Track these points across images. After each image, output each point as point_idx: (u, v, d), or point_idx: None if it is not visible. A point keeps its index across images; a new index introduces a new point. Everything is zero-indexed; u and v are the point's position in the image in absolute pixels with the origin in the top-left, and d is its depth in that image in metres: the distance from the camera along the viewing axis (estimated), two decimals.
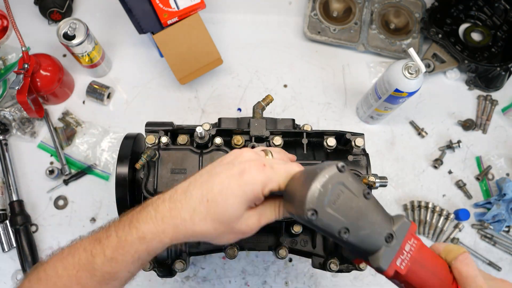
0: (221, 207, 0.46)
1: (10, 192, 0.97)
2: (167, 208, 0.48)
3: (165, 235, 0.47)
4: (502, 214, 1.00)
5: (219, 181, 0.47)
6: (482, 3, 1.18)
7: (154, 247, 0.48)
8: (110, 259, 0.47)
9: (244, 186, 0.46)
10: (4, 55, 1.07)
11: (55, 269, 0.48)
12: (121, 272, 0.48)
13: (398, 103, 0.96)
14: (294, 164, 0.51)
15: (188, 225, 0.47)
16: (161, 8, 0.95)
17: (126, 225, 0.48)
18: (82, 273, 0.48)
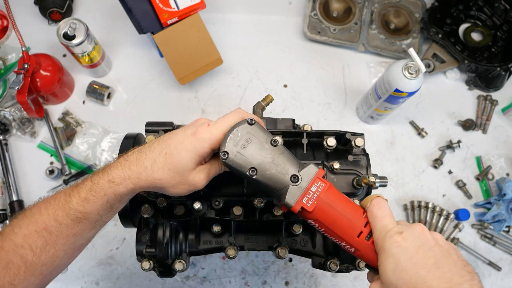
0: (176, 159, 0.55)
1: (10, 192, 0.97)
2: (134, 157, 0.56)
3: (130, 180, 0.55)
4: (502, 214, 1.00)
5: (175, 139, 0.57)
6: (482, 3, 1.18)
7: (121, 191, 0.55)
8: (83, 199, 0.55)
9: (195, 143, 0.55)
10: (4, 55, 1.07)
11: (39, 209, 0.56)
12: (92, 213, 0.55)
13: (398, 103, 0.96)
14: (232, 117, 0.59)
15: (149, 173, 0.55)
16: (161, 8, 0.95)
17: (100, 171, 0.57)
18: (59, 212, 0.55)
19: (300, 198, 0.54)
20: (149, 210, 0.70)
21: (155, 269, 0.73)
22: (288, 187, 0.55)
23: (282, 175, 0.55)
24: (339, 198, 0.56)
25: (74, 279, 0.95)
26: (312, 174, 0.55)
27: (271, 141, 0.57)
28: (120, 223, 0.74)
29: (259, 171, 0.55)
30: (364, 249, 0.54)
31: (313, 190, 0.55)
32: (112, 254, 0.98)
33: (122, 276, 0.96)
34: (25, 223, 0.55)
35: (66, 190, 0.57)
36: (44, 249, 0.54)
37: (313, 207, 0.54)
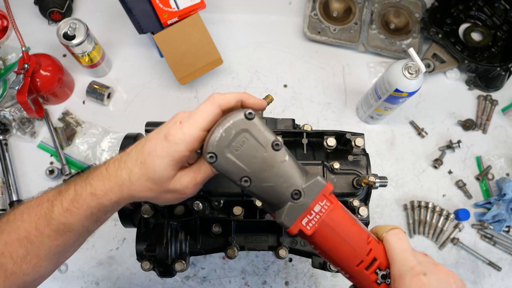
0: (150, 169, 0.48)
1: (10, 192, 0.97)
2: (114, 167, 0.51)
3: (113, 193, 0.50)
4: (502, 214, 1.00)
5: (149, 145, 0.49)
6: (482, 3, 1.18)
7: (105, 204, 0.51)
8: (66, 210, 0.51)
9: (168, 148, 0.47)
10: (4, 55, 1.07)
11: (21, 214, 0.53)
12: (75, 224, 0.51)
13: (398, 103, 0.96)
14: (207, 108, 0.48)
15: (128, 185, 0.50)
16: (161, 8, 0.95)
17: (83, 180, 0.52)
18: (41, 220, 0.51)
19: (299, 219, 0.45)
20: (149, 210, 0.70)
21: (155, 269, 0.73)
22: (287, 204, 0.45)
23: (282, 189, 0.45)
24: (344, 221, 0.48)
25: (74, 279, 0.95)
26: (317, 191, 0.46)
27: (273, 144, 0.45)
28: (120, 223, 0.74)
29: (254, 181, 0.45)
30: (360, 278, 0.48)
31: (316, 210, 0.46)
32: (112, 254, 0.98)
33: (122, 276, 0.96)
34: (7, 229, 0.52)
35: (50, 195, 0.53)
36: (25, 258, 0.51)
37: (313, 230, 0.46)
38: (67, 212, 0.51)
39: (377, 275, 0.48)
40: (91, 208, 0.51)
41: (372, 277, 0.48)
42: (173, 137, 0.47)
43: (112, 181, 0.50)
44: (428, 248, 1.02)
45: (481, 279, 1.00)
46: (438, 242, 1.02)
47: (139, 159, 0.49)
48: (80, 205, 0.51)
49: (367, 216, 0.71)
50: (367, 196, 0.74)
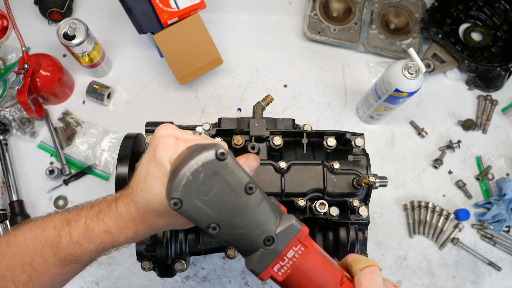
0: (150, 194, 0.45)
1: (10, 192, 0.97)
2: (124, 203, 0.49)
3: (128, 229, 0.49)
4: (502, 214, 1.00)
5: (144, 168, 0.47)
6: (482, 3, 1.18)
7: (121, 241, 0.49)
8: (75, 243, 0.49)
9: (160, 166, 0.44)
10: (4, 55, 1.07)
11: (24, 238, 0.51)
12: (83, 257, 0.50)
13: (398, 103, 0.96)
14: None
15: (140, 219, 0.48)
16: (161, 8, 0.95)
17: (95, 215, 0.50)
18: (47, 249, 0.50)
19: (270, 265, 0.43)
20: None
21: (155, 269, 0.73)
22: (259, 250, 0.43)
23: (254, 236, 0.42)
24: (318, 264, 0.45)
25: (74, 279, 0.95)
26: (291, 236, 0.43)
27: (246, 187, 0.40)
28: None
29: (223, 228, 0.41)
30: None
31: (289, 256, 0.43)
32: (112, 254, 0.97)
33: (122, 276, 0.96)
34: (9, 253, 0.50)
35: (56, 222, 0.51)
36: (27, 284, 0.50)
37: (285, 276, 0.43)
38: (76, 245, 0.49)
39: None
40: (104, 244, 0.50)
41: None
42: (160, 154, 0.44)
43: (125, 218, 0.48)
44: (428, 248, 1.02)
45: (481, 279, 1.00)
46: (438, 242, 1.02)
47: (139, 188, 0.47)
48: (91, 240, 0.49)
49: (367, 216, 0.71)
50: (367, 196, 0.74)
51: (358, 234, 0.74)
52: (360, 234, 0.75)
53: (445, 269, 1.00)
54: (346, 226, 0.74)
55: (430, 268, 1.00)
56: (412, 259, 1.01)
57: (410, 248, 1.02)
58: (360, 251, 0.75)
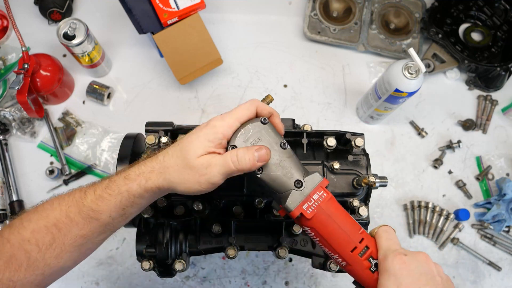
0: (184, 145, 0.54)
1: (10, 192, 0.98)
2: (152, 156, 0.56)
3: (143, 175, 0.54)
4: (502, 214, 1.00)
5: (190, 134, 0.56)
6: (482, 3, 1.18)
7: (134, 189, 0.53)
8: (98, 196, 0.54)
9: (206, 130, 0.54)
10: (4, 55, 1.07)
11: (51, 204, 0.55)
12: (104, 213, 0.54)
13: (398, 103, 0.96)
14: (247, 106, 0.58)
15: (160, 164, 0.54)
16: (161, 8, 0.95)
17: (119, 172, 0.56)
18: (72, 208, 0.54)
19: (300, 204, 0.54)
20: (149, 210, 0.70)
21: (155, 269, 0.73)
22: (291, 191, 0.54)
23: (286, 178, 0.55)
24: (339, 210, 0.55)
25: (74, 279, 0.95)
26: (316, 182, 0.55)
27: (281, 143, 0.56)
28: None
29: (265, 170, 0.55)
30: (356, 265, 0.54)
31: (314, 198, 0.54)
32: (112, 254, 0.98)
33: (122, 276, 0.96)
34: (35, 217, 0.54)
35: (83, 187, 0.56)
36: (50, 246, 0.53)
37: (312, 215, 0.54)
38: (99, 198, 0.54)
39: (370, 263, 0.53)
40: (121, 194, 0.53)
41: (366, 264, 0.53)
42: (212, 122, 0.55)
43: (147, 165, 0.54)
44: (428, 248, 1.02)
45: (481, 279, 1.00)
46: (438, 242, 1.02)
47: (177, 143, 0.55)
48: (112, 191, 0.54)
49: (367, 216, 0.71)
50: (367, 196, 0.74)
51: None
52: None
53: (445, 269, 0.99)
54: None
55: None
56: None
57: (410, 248, 1.02)
58: None
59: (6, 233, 0.54)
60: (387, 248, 0.52)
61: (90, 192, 0.55)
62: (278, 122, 0.60)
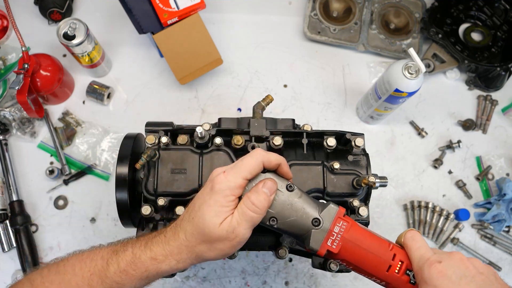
0: (200, 219, 0.53)
1: (10, 192, 0.97)
2: (172, 232, 0.55)
3: (172, 256, 0.53)
4: (502, 214, 1.00)
5: (198, 200, 0.55)
6: (482, 3, 1.18)
7: (163, 269, 0.53)
8: (122, 270, 0.53)
9: (215, 196, 0.53)
10: (4, 55, 1.07)
11: (73, 267, 0.55)
12: (128, 285, 0.54)
13: (398, 103, 0.96)
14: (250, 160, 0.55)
15: (185, 244, 0.53)
16: (161, 8, 0.95)
17: (142, 245, 0.55)
18: (94, 277, 0.53)
19: (324, 241, 0.53)
20: (149, 210, 0.70)
21: None
22: (310, 231, 0.54)
23: (303, 220, 0.54)
24: (363, 234, 0.55)
25: None
26: (333, 215, 0.54)
27: (287, 186, 0.56)
28: (120, 223, 0.74)
29: (279, 219, 0.55)
30: (395, 282, 0.53)
31: (336, 231, 0.54)
32: None
33: None
34: (57, 280, 0.54)
35: (103, 253, 0.56)
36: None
37: (339, 248, 0.53)
38: (123, 272, 0.53)
39: (408, 276, 0.53)
40: (148, 272, 0.53)
41: (404, 278, 0.53)
42: (219, 185, 0.53)
43: (171, 245, 0.54)
44: None
45: None
46: (438, 242, 1.02)
47: (191, 216, 0.54)
48: (137, 268, 0.53)
49: (367, 216, 0.71)
50: (367, 196, 0.74)
51: None
52: None
53: None
54: None
55: None
56: None
57: None
58: None
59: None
60: (419, 259, 0.52)
61: (113, 263, 0.54)
62: (286, 171, 0.58)
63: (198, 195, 0.56)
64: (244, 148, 0.74)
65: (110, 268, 0.54)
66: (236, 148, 0.74)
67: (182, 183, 0.70)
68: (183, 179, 0.70)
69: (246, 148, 0.74)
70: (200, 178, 0.70)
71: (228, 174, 0.54)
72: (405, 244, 0.54)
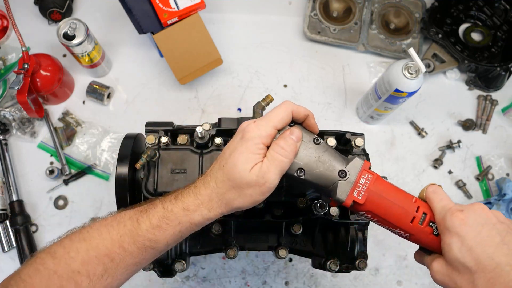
0: (230, 165, 0.53)
1: (10, 192, 0.97)
2: (202, 182, 0.55)
3: (204, 205, 0.53)
4: None
5: (229, 149, 0.55)
6: (482, 3, 1.18)
7: (196, 219, 0.53)
8: (155, 226, 0.53)
9: (245, 144, 0.53)
10: (4, 55, 1.07)
11: (99, 232, 0.53)
12: (160, 241, 0.53)
13: (398, 103, 0.96)
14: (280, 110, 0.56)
15: (216, 191, 0.53)
16: (161, 8, 0.95)
17: (172, 198, 0.55)
18: (125, 238, 0.52)
19: (350, 192, 0.54)
20: None
21: (155, 269, 0.73)
22: (337, 183, 0.55)
23: (329, 172, 0.55)
24: (388, 187, 0.56)
25: None
26: (358, 167, 0.56)
27: (314, 140, 0.57)
28: None
29: (307, 171, 0.56)
30: (419, 233, 0.54)
31: (361, 182, 0.55)
32: None
33: None
34: (84, 248, 0.52)
35: (131, 214, 0.54)
36: (102, 277, 0.52)
37: (364, 199, 0.54)
38: (156, 228, 0.53)
39: (432, 228, 0.54)
40: (181, 225, 0.53)
41: (428, 229, 0.54)
42: (249, 134, 0.54)
43: (202, 194, 0.54)
44: None
45: None
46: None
47: (221, 164, 0.54)
48: (170, 221, 0.53)
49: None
50: None
51: (358, 234, 0.74)
52: (360, 234, 0.75)
53: None
54: (346, 226, 0.74)
55: None
56: (412, 259, 1.00)
57: (410, 248, 1.01)
58: (360, 251, 0.75)
59: (51, 265, 0.51)
60: (442, 209, 0.53)
61: (144, 221, 0.53)
62: (313, 123, 0.59)
63: (228, 145, 0.56)
64: None
65: (142, 225, 0.53)
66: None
67: (182, 183, 0.70)
68: (183, 179, 0.70)
69: None
70: None
71: (258, 123, 0.55)
72: (428, 198, 0.56)
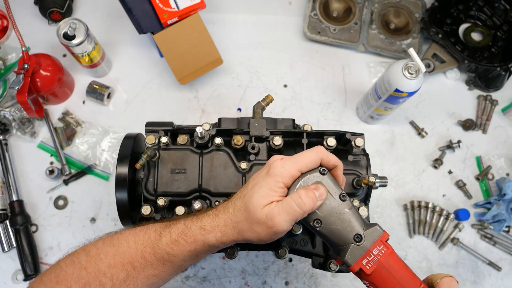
0: (249, 197, 0.54)
1: (10, 192, 0.97)
2: (223, 207, 0.57)
3: (218, 228, 0.55)
4: (502, 214, 0.99)
5: (253, 181, 0.57)
6: (482, 3, 1.18)
7: (210, 240, 0.55)
8: (174, 241, 0.56)
9: (267, 179, 0.54)
10: (4, 55, 1.07)
11: (127, 240, 0.57)
12: (177, 256, 0.56)
13: (398, 103, 0.96)
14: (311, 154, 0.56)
15: (232, 218, 0.55)
16: (161, 8, 0.95)
17: (194, 217, 0.58)
18: (147, 249, 0.56)
19: (360, 259, 0.53)
20: (149, 210, 0.70)
21: None
22: (350, 245, 0.53)
23: (346, 232, 0.54)
24: (399, 265, 0.54)
25: None
26: (376, 236, 0.54)
27: (340, 195, 0.55)
28: (120, 223, 0.74)
29: (324, 223, 0.54)
30: None
31: (374, 253, 0.53)
32: None
33: None
34: (112, 252, 0.56)
35: (157, 227, 0.58)
36: (124, 283, 0.55)
37: (372, 270, 0.53)
38: (174, 243, 0.56)
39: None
40: (196, 243, 0.55)
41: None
42: (274, 170, 0.54)
43: (220, 217, 0.56)
44: (428, 248, 1.02)
45: (481, 279, 1.00)
46: (438, 242, 1.02)
47: (243, 193, 0.56)
48: (188, 238, 0.55)
49: (367, 216, 0.71)
50: (367, 196, 0.74)
51: None
52: None
53: (445, 269, 1.00)
54: None
55: (430, 268, 1.00)
56: (412, 259, 1.01)
57: (410, 248, 1.02)
58: None
59: (84, 260, 0.56)
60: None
61: (165, 234, 0.56)
62: (339, 174, 0.59)
63: (253, 177, 0.58)
64: (244, 148, 0.74)
65: (163, 239, 0.56)
66: (236, 148, 0.74)
67: (182, 183, 0.70)
68: (183, 179, 0.70)
69: (246, 148, 0.74)
70: (200, 178, 0.70)
71: (285, 162, 0.55)
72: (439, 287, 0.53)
